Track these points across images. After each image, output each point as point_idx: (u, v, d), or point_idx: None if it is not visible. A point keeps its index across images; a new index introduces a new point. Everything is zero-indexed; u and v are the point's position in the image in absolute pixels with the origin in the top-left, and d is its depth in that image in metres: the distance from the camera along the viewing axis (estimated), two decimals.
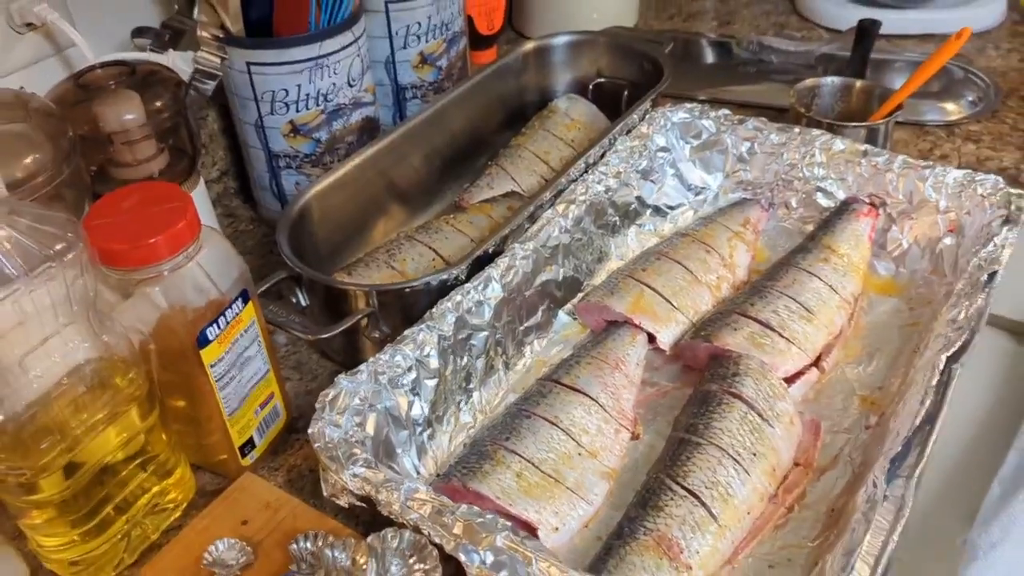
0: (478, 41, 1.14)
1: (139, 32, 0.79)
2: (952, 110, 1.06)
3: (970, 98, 1.08)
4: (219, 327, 0.59)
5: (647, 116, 0.89)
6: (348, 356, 0.75)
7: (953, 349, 0.62)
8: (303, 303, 0.74)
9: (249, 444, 0.66)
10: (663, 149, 0.88)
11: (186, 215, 0.57)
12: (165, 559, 0.58)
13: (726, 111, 0.89)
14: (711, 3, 1.36)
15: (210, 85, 0.78)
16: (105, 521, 0.59)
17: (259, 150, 0.86)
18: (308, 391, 0.75)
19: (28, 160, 0.59)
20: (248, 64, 0.80)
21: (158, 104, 0.69)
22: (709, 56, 1.24)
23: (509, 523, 0.53)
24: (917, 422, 0.57)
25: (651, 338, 0.75)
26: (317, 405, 0.60)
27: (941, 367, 0.61)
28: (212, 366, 0.60)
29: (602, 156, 0.84)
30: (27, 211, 0.51)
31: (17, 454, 0.53)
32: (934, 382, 0.60)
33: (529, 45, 1.01)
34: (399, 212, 0.91)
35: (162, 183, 0.64)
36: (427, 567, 0.54)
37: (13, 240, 0.49)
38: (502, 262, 0.71)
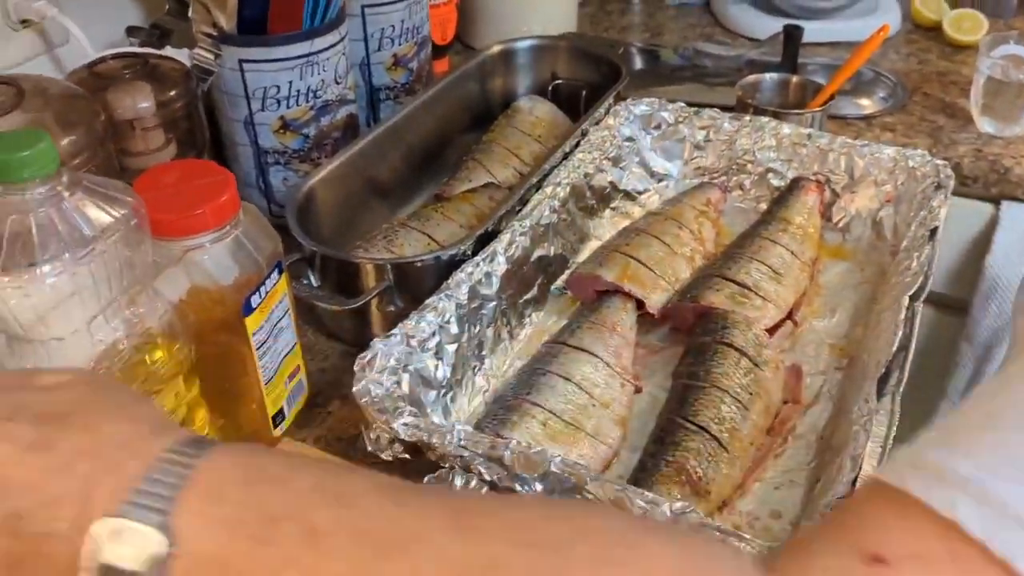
0: (432, 51, 1.20)
1: (131, 31, 0.81)
2: (867, 105, 1.19)
3: (881, 95, 1.21)
4: (260, 296, 0.62)
5: (611, 110, 0.96)
6: (356, 334, 0.79)
7: (913, 289, 0.71)
8: (315, 284, 0.77)
9: (280, 415, 0.68)
10: (628, 139, 0.96)
11: (229, 188, 0.60)
12: None
13: (681, 104, 0.97)
14: (640, 18, 1.46)
15: (207, 81, 0.80)
16: None
17: (247, 147, 0.88)
18: (320, 370, 0.78)
19: (65, 142, 0.61)
20: (240, 61, 0.83)
21: (171, 94, 0.72)
22: (638, 63, 1.34)
23: (559, 454, 0.57)
24: (893, 350, 0.66)
25: (638, 304, 0.82)
26: (356, 367, 0.64)
27: (906, 305, 0.70)
28: (254, 334, 0.62)
29: (576, 145, 0.91)
30: (92, 178, 0.53)
31: None
32: (901, 317, 0.69)
33: (496, 49, 1.07)
34: (381, 206, 0.95)
35: (201, 160, 0.66)
36: None
37: (86, 204, 0.51)
38: (504, 237, 0.77)
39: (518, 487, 0.56)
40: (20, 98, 0.58)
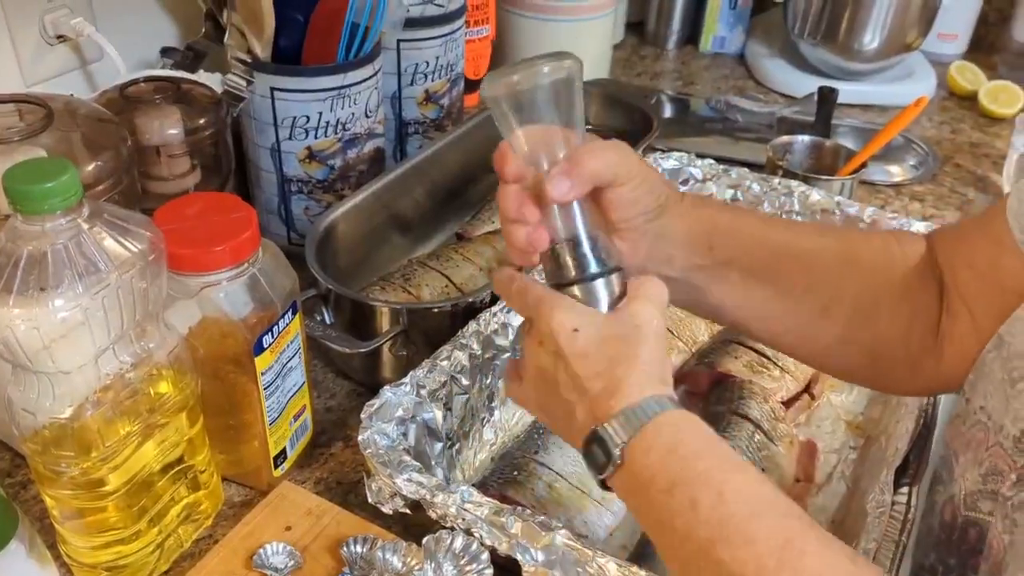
0: (464, 86, 1.20)
1: (165, 52, 0.80)
2: (896, 172, 1.17)
3: (911, 162, 1.19)
4: (272, 336, 0.61)
5: None
6: (367, 375, 0.78)
7: None
8: (328, 321, 0.76)
9: (282, 455, 0.67)
10: None
11: (251, 226, 0.59)
12: (211, 563, 0.59)
13: (711, 160, 0.96)
14: (673, 64, 1.46)
15: (236, 107, 0.80)
16: (143, 527, 0.60)
17: (272, 174, 0.88)
18: (327, 408, 0.77)
19: (91, 167, 0.60)
20: (272, 89, 0.82)
21: (200, 122, 0.71)
22: (668, 110, 1.33)
23: (561, 524, 0.56)
24: (914, 438, 0.64)
25: None
26: (363, 415, 0.63)
27: None
28: (263, 374, 0.61)
29: None
30: (113, 210, 0.52)
31: (86, 447, 0.53)
32: (924, 402, 0.67)
33: None
34: (402, 241, 0.94)
35: (225, 194, 0.66)
36: (479, 568, 0.57)
37: (105, 236, 0.50)
38: None
39: (519, 555, 0.55)
40: (49, 120, 0.58)
